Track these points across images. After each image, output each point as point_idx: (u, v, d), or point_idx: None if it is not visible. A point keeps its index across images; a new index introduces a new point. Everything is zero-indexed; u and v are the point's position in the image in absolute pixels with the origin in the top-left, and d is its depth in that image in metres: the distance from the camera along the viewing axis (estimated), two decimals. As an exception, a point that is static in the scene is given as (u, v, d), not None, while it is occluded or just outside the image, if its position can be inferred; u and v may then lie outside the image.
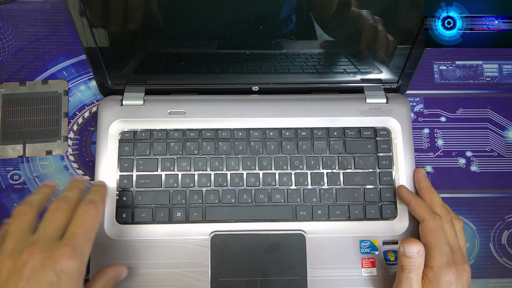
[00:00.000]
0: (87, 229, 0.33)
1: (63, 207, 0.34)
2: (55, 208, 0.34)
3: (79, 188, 0.38)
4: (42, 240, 0.31)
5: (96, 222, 0.35)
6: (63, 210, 0.34)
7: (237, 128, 0.47)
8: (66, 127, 0.50)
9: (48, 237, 0.31)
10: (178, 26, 0.41)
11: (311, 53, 0.45)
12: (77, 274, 0.31)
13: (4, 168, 0.49)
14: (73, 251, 0.31)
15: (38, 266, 0.29)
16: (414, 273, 0.38)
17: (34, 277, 0.29)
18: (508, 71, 0.53)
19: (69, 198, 0.35)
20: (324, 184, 0.46)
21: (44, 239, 0.31)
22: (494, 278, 0.47)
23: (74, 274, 0.30)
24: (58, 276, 0.30)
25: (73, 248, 0.31)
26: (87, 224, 0.33)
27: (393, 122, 0.47)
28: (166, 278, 0.42)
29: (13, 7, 0.53)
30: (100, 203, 0.37)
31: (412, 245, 0.38)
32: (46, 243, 0.31)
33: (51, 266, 0.30)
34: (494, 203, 0.49)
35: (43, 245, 0.30)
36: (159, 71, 0.46)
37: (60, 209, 0.34)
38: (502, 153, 0.51)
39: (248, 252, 0.43)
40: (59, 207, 0.34)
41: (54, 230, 0.32)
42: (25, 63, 0.52)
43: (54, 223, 0.32)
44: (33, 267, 0.29)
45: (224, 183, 0.45)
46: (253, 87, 0.48)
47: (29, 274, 0.29)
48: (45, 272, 0.29)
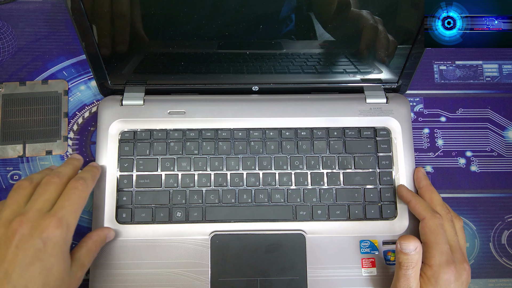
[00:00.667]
0: (74, 202, 0.36)
1: (55, 181, 0.37)
2: (47, 182, 0.36)
3: (74, 165, 0.41)
4: (31, 211, 0.33)
5: (83, 197, 0.37)
6: (54, 184, 0.36)
7: (237, 128, 0.47)
8: (66, 127, 0.50)
9: (37, 209, 0.34)
10: (178, 26, 0.41)
11: (311, 53, 0.45)
12: (62, 242, 0.33)
13: (4, 168, 0.49)
14: (59, 221, 0.33)
15: (26, 234, 0.32)
16: (411, 270, 0.38)
17: (22, 244, 0.32)
18: (508, 71, 0.53)
19: (62, 173, 0.38)
20: (324, 184, 0.46)
21: (34, 210, 0.34)
22: (494, 278, 0.47)
23: (59, 242, 0.33)
24: (44, 243, 0.32)
25: (59, 219, 0.34)
26: (75, 198, 0.36)
27: (393, 122, 0.47)
28: (166, 278, 0.42)
29: (13, 7, 0.53)
30: (90, 181, 0.39)
31: (409, 242, 0.38)
32: (35, 214, 0.33)
33: (38, 234, 0.32)
34: (494, 203, 0.49)
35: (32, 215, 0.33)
36: (159, 71, 0.46)
37: (51, 183, 0.36)
38: (502, 153, 0.51)
39: (248, 252, 0.43)
40: (51, 181, 0.36)
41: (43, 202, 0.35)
42: (25, 63, 0.52)
43: (44, 196, 0.35)
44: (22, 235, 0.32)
45: (224, 183, 0.45)
46: (253, 87, 0.48)
47: (18, 241, 0.32)
48: (32, 240, 0.32)
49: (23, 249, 0.32)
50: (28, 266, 0.32)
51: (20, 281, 0.31)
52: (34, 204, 0.34)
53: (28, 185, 0.36)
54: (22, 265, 0.31)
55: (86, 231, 0.47)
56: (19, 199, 0.35)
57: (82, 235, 0.47)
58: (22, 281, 0.31)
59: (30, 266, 0.32)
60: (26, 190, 0.36)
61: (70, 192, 0.36)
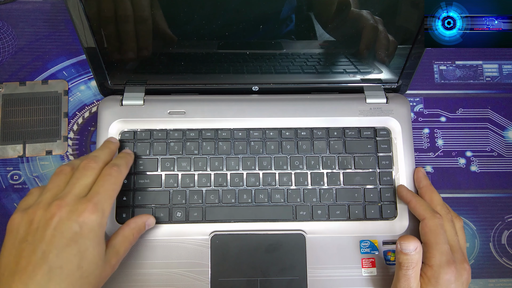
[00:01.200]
0: (109, 188, 0.37)
1: (92, 166, 0.38)
2: (85, 167, 0.37)
3: (110, 150, 0.42)
4: (69, 195, 0.35)
5: (117, 183, 0.38)
6: (91, 169, 0.37)
7: (237, 128, 0.47)
8: (66, 127, 0.50)
9: (75, 194, 0.35)
10: (178, 26, 0.41)
11: (311, 53, 0.45)
12: (97, 227, 0.34)
13: (4, 168, 0.49)
14: (94, 207, 0.34)
15: (64, 217, 0.33)
16: (411, 270, 0.38)
17: (60, 227, 0.33)
18: (508, 71, 0.53)
19: (98, 158, 0.39)
20: (324, 184, 0.46)
21: (71, 195, 0.35)
22: (494, 278, 0.47)
23: (94, 227, 0.34)
24: (80, 227, 0.34)
25: (95, 204, 0.35)
26: (109, 185, 0.37)
27: (393, 122, 0.47)
28: (166, 278, 0.42)
29: (13, 7, 0.53)
30: (124, 168, 0.40)
31: (409, 242, 0.38)
32: (72, 198, 0.35)
33: (75, 218, 0.34)
34: (494, 203, 0.49)
35: (69, 200, 0.35)
36: (159, 71, 0.46)
37: (88, 168, 0.37)
38: (502, 153, 0.51)
39: (248, 252, 0.43)
40: (88, 166, 0.37)
41: (80, 187, 0.36)
42: (25, 63, 0.52)
43: (82, 181, 0.36)
44: (60, 218, 0.33)
45: (224, 183, 0.45)
46: (253, 87, 0.48)
47: (56, 224, 0.33)
48: (69, 223, 0.33)
49: (60, 231, 0.33)
50: (64, 248, 0.33)
51: (56, 261, 0.32)
52: (72, 188, 0.36)
53: (69, 171, 0.38)
54: (58, 247, 0.33)
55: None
56: (59, 184, 0.37)
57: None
58: (58, 262, 0.32)
59: (66, 248, 0.33)
60: (67, 175, 0.37)
61: (105, 178, 0.37)
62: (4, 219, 0.47)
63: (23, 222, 0.34)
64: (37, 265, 0.32)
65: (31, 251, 0.32)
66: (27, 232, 0.33)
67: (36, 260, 0.32)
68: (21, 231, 0.34)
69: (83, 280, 0.33)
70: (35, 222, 0.34)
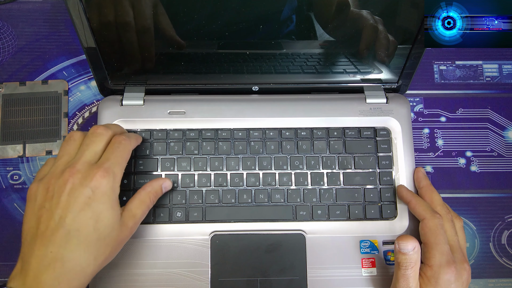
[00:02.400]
0: (119, 155, 0.38)
1: (101, 132, 0.39)
2: (94, 133, 0.38)
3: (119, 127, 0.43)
4: (80, 162, 0.36)
5: (126, 151, 0.39)
6: (100, 135, 0.38)
7: (237, 128, 0.47)
8: (66, 127, 0.50)
9: (85, 160, 0.37)
10: (178, 26, 0.41)
11: (311, 53, 0.45)
12: (110, 191, 0.36)
13: (4, 168, 0.49)
14: (105, 171, 0.36)
15: (77, 183, 0.35)
16: (410, 270, 0.38)
17: (73, 192, 0.35)
18: (508, 71, 0.53)
19: (108, 126, 0.40)
20: (324, 184, 0.46)
21: (82, 162, 0.36)
22: (494, 278, 0.47)
23: (107, 191, 0.36)
24: (93, 191, 0.35)
25: (106, 169, 0.36)
26: (119, 151, 0.38)
27: (393, 122, 0.47)
28: (166, 278, 0.42)
29: (13, 7, 0.53)
30: (133, 139, 0.41)
31: (407, 241, 0.38)
32: (84, 165, 0.36)
33: (87, 183, 0.35)
34: (494, 203, 0.49)
35: (81, 166, 0.36)
36: (159, 71, 0.46)
37: (98, 135, 0.38)
38: (502, 153, 0.51)
39: (248, 252, 0.43)
40: (97, 132, 0.38)
41: (91, 154, 0.37)
42: (25, 63, 0.52)
43: (92, 148, 0.37)
44: (73, 184, 0.35)
45: (224, 183, 0.45)
46: (253, 87, 0.48)
47: (69, 190, 0.35)
48: (82, 188, 0.35)
49: (74, 196, 0.35)
50: (79, 212, 0.34)
51: (73, 224, 0.34)
52: (82, 155, 0.37)
53: (79, 137, 0.39)
54: (74, 211, 0.34)
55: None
56: (70, 151, 0.38)
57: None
58: (74, 225, 0.34)
59: (81, 212, 0.34)
60: (77, 142, 0.38)
61: (114, 146, 0.38)
62: (4, 219, 0.47)
63: (39, 190, 0.36)
64: (55, 228, 0.34)
65: (49, 216, 0.34)
66: (43, 199, 0.35)
67: (54, 224, 0.34)
68: (38, 198, 0.35)
69: (101, 242, 0.35)
70: (50, 189, 0.35)
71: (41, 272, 0.33)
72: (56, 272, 0.33)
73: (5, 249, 0.47)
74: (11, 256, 0.46)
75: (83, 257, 0.34)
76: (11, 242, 0.47)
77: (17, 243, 0.47)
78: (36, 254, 0.33)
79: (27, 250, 0.34)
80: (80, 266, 0.34)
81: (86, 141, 0.38)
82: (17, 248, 0.46)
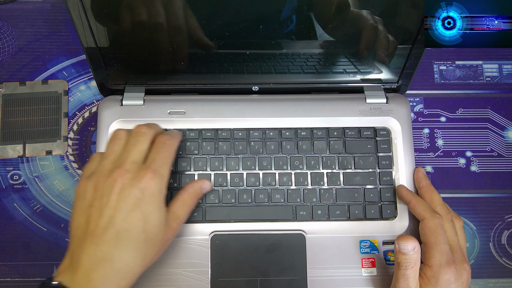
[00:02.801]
0: (165, 156, 0.38)
1: (145, 132, 0.39)
2: (138, 133, 0.39)
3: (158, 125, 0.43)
4: (128, 162, 0.37)
5: (172, 151, 0.40)
6: (144, 135, 0.39)
7: (237, 128, 0.47)
8: (66, 127, 0.50)
9: (133, 160, 0.37)
10: (178, 26, 0.41)
11: (311, 53, 0.45)
12: (158, 192, 0.36)
13: (4, 168, 0.49)
14: (154, 173, 0.36)
15: (127, 184, 0.35)
16: (410, 270, 0.38)
17: (123, 193, 0.35)
18: (508, 71, 0.53)
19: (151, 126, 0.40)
20: (324, 184, 0.46)
21: (130, 162, 0.37)
22: (494, 278, 0.47)
23: (155, 192, 0.36)
24: (142, 193, 0.35)
25: (154, 170, 0.36)
26: (164, 152, 0.38)
27: (393, 122, 0.47)
28: (166, 278, 0.42)
29: (13, 7, 0.53)
30: (176, 139, 0.42)
31: (407, 241, 0.38)
32: (132, 165, 0.36)
33: (136, 184, 0.35)
34: (494, 203, 0.49)
35: (130, 167, 0.36)
36: (159, 71, 0.46)
37: (142, 134, 0.39)
38: (502, 153, 0.51)
39: (248, 252, 0.43)
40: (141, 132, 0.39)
41: (137, 153, 0.37)
42: (25, 63, 0.52)
43: (137, 147, 0.38)
44: (123, 184, 0.35)
45: (224, 183, 0.45)
46: (253, 87, 0.48)
47: (119, 190, 0.35)
48: (132, 189, 0.35)
49: (123, 197, 0.35)
50: (129, 213, 0.35)
51: (122, 225, 0.34)
52: (129, 155, 0.37)
53: (124, 135, 0.39)
54: (124, 212, 0.35)
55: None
56: (116, 149, 0.38)
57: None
58: (124, 225, 0.34)
59: (131, 213, 0.35)
60: (122, 141, 0.39)
61: (159, 146, 0.39)
62: (4, 219, 0.47)
63: (88, 188, 0.36)
64: (105, 228, 0.34)
65: (99, 215, 0.34)
66: (93, 197, 0.35)
67: (103, 223, 0.34)
68: (88, 196, 0.36)
69: (148, 243, 0.35)
70: (99, 188, 0.36)
71: (91, 270, 0.33)
72: (105, 271, 0.33)
73: (5, 249, 0.47)
74: (11, 256, 0.46)
75: (131, 258, 0.34)
76: (11, 242, 0.47)
77: (17, 243, 0.47)
78: (86, 252, 0.33)
79: (77, 247, 0.34)
80: (128, 266, 0.34)
81: (131, 141, 0.38)
82: (17, 248, 0.46)
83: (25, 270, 0.46)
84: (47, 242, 0.47)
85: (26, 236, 0.47)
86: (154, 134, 0.40)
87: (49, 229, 0.47)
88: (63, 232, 0.47)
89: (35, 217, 0.47)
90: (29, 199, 0.48)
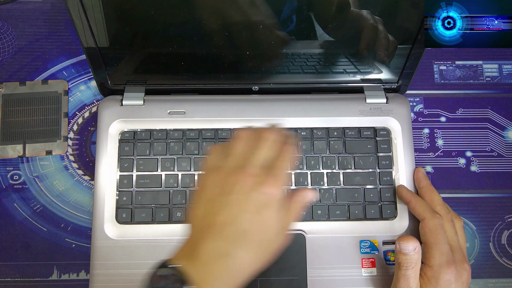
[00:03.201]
0: (285, 165, 0.38)
1: (274, 139, 0.38)
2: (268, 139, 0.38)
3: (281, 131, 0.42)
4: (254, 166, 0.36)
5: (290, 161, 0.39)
6: (273, 142, 0.38)
7: (237, 128, 0.47)
8: (66, 127, 0.50)
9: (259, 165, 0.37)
10: (178, 26, 0.41)
11: (311, 53, 0.45)
12: (280, 199, 0.36)
13: (4, 168, 0.49)
14: (276, 180, 0.36)
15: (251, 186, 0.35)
16: (411, 270, 0.38)
17: (249, 194, 0.35)
18: (508, 71, 0.53)
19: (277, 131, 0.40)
20: (324, 184, 0.46)
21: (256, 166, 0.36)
22: (494, 278, 0.47)
23: (278, 199, 0.36)
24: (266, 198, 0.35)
25: (277, 178, 0.36)
26: (286, 161, 0.38)
27: (393, 122, 0.47)
28: (166, 278, 0.42)
29: (13, 7, 0.53)
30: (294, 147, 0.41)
31: (407, 242, 0.38)
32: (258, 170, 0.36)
33: (262, 189, 0.35)
34: (494, 203, 0.49)
35: (256, 170, 0.36)
36: (159, 71, 0.46)
37: (269, 140, 0.38)
38: (502, 153, 0.51)
39: (248, 252, 0.43)
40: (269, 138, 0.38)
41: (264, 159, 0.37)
42: (25, 63, 0.52)
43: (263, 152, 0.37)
44: (251, 185, 0.35)
45: (224, 183, 0.45)
46: (253, 87, 0.48)
47: (246, 191, 0.35)
48: (255, 193, 0.35)
49: (249, 198, 0.35)
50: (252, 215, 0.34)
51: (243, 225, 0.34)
52: (257, 159, 0.37)
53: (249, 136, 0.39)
54: (247, 213, 0.34)
55: (86, 231, 0.47)
56: (243, 150, 0.38)
57: (82, 235, 0.47)
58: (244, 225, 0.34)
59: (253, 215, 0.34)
60: (249, 142, 0.38)
61: (283, 154, 0.38)
62: (4, 219, 0.47)
63: (213, 182, 0.36)
64: (225, 224, 0.34)
65: (221, 211, 0.34)
66: (216, 193, 0.35)
67: (224, 219, 0.34)
68: (211, 190, 0.36)
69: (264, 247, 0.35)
70: (224, 185, 0.35)
71: (211, 261, 0.33)
72: (225, 265, 0.33)
73: (5, 249, 0.47)
74: (11, 256, 0.46)
75: (247, 258, 0.34)
76: (11, 242, 0.47)
77: (17, 243, 0.47)
78: (207, 243, 0.33)
79: (197, 237, 0.34)
80: (243, 266, 0.34)
81: (258, 144, 0.38)
82: (17, 248, 0.46)
83: (25, 270, 0.46)
84: (47, 242, 0.47)
85: (26, 236, 0.47)
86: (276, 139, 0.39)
87: (49, 229, 0.47)
88: (63, 232, 0.47)
89: (35, 217, 0.47)
90: (29, 199, 0.48)
